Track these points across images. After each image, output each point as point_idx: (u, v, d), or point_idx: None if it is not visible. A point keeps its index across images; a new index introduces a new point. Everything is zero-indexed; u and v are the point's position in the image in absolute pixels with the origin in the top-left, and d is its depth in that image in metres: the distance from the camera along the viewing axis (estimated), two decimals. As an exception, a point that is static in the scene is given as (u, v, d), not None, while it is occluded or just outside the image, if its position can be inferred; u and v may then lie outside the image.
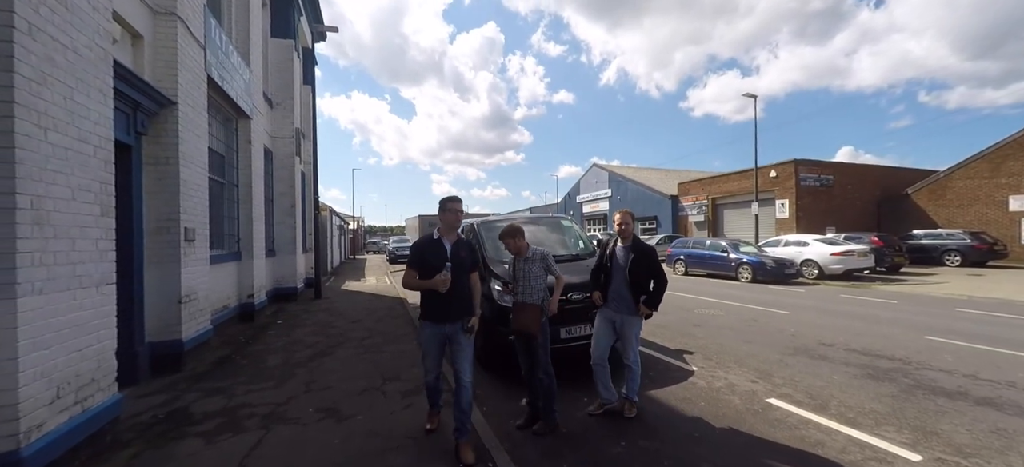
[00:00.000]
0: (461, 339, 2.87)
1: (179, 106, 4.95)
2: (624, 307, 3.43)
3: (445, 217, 2.96)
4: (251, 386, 4.35)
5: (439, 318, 2.87)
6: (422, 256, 2.89)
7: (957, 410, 3.55)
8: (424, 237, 3.03)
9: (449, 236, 2.96)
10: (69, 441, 2.68)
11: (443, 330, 2.88)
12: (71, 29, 2.80)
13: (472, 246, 3.07)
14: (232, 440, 3.19)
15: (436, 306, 2.86)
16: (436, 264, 2.80)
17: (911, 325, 6.76)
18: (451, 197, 3.01)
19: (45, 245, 2.55)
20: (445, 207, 2.97)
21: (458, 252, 2.90)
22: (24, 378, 2.38)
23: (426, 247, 2.93)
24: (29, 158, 2.44)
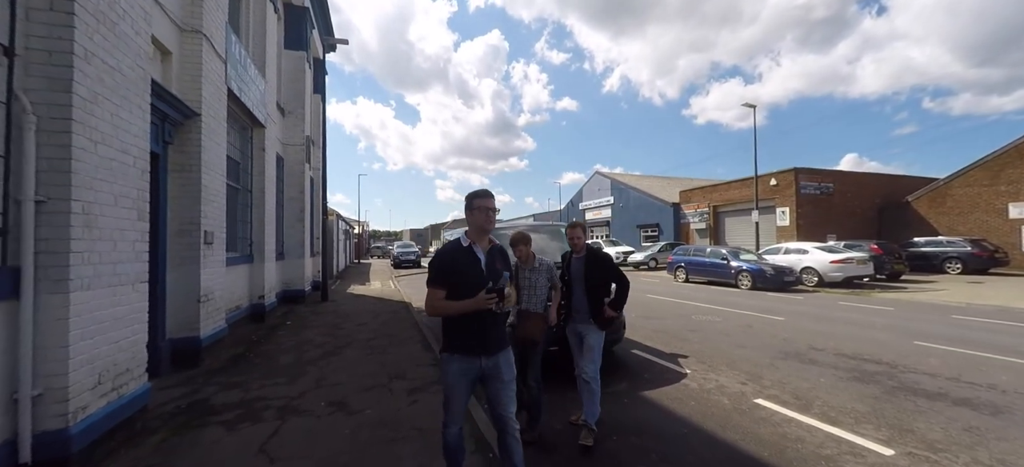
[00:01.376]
0: (504, 373, 2.22)
1: (202, 117, 5.27)
2: (584, 317, 3.33)
3: (474, 217, 2.26)
4: (265, 381, 4.61)
5: (473, 349, 2.18)
6: (450, 271, 2.21)
7: (934, 410, 3.75)
8: (448, 246, 2.36)
9: (480, 241, 2.28)
10: (107, 424, 2.94)
11: (477, 365, 2.19)
12: (118, 52, 3.10)
13: (506, 254, 2.40)
14: (251, 429, 3.44)
15: (469, 333, 2.17)
16: (470, 279, 2.16)
17: (903, 331, 6.93)
18: (479, 192, 2.31)
19: (92, 246, 2.83)
20: (473, 205, 2.27)
21: (493, 263, 2.25)
22: (73, 364, 2.65)
23: (454, 258, 2.23)
24: (82, 168, 2.73)
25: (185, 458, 2.96)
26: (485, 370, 2.21)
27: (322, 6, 13.43)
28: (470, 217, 2.29)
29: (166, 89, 4.53)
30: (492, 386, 2.22)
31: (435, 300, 2.21)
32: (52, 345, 2.57)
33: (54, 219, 2.60)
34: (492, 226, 2.30)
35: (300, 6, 11.44)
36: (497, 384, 2.22)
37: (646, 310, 9.34)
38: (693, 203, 25.94)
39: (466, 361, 2.19)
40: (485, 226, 2.26)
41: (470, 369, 2.20)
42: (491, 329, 2.20)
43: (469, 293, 2.13)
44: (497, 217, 2.39)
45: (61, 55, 2.64)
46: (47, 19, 2.62)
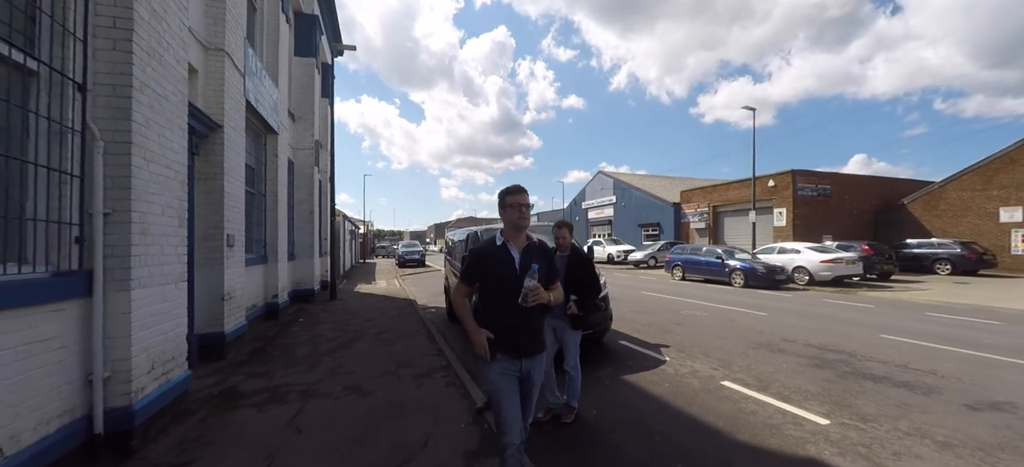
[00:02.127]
0: (535, 377, 2.20)
1: (224, 129, 5.78)
2: (560, 313, 3.45)
3: (507, 215, 2.22)
4: (286, 371, 5.13)
5: (513, 350, 2.13)
6: (482, 269, 2.20)
7: (876, 390, 4.22)
8: (483, 244, 2.33)
9: (515, 239, 2.23)
10: (159, 404, 3.46)
11: (518, 367, 2.15)
12: (164, 81, 3.61)
13: (548, 251, 2.33)
14: (279, 409, 3.95)
15: (507, 333, 2.13)
16: (503, 279, 2.14)
17: (874, 326, 7.38)
18: (512, 188, 2.25)
19: (146, 250, 3.34)
20: (505, 202, 2.23)
21: (529, 261, 2.16)
22: (134, 351, 3.17)
23: (487, 256, 2.21)
24: (138, 184, 3.24)
25: (226, 431, 3.48)
26: (524, 372, 2.15)
27: (331, 13, 13.94)
28: (504, 215, 2.24)
29: (194, 105, 5.04)
30: (523, 389, 2.18)
31: (458, 295, 2.27)
32: (117, 335, 3.09)
33: (117, 228, 3.12)
34: (526, 223, 2.23)
35: (310, 14, 11.95)
36: (528, 386, 2.18)
37: (639, 306, 9.81)
38: (693, 203, 26.34)
39: (508, 363, 2.13)
40: (519, 223, 2.19)
41: (512, 369, 2.14)
42: (529, 329, 2.13)
43: (502, 293, 2.12)
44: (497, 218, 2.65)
45: (122, 88, 3.15)
46: (110, 58, 3.13)
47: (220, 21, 5.79)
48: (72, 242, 2.87)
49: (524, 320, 2.12)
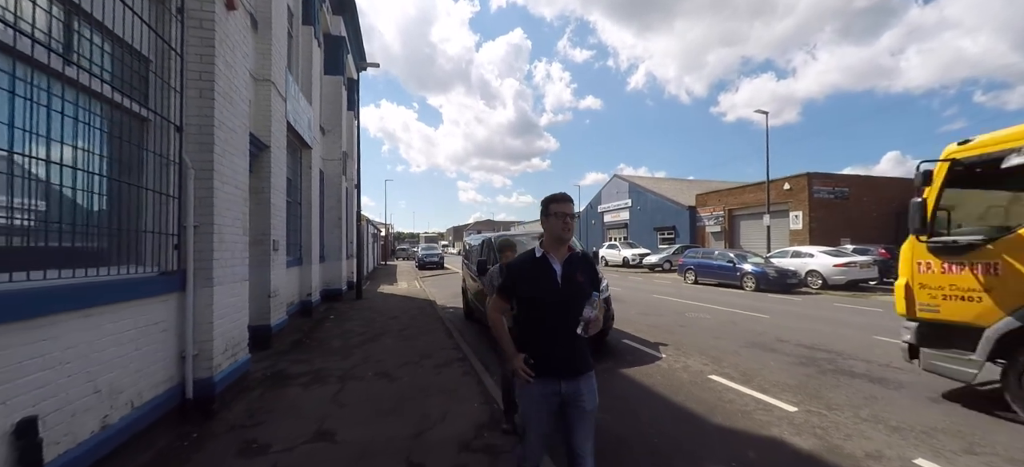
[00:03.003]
0: (585, 400, 1.97)
1: (271, 149, 6.63)
2: None
3: (550, 224, 2.04)
4: (324, 359, 5.90)
5: (552, 370, 1.96)
6: (519, 283, 2.06)
7: (849, 385, 4.66)
8: (521, 257, 2.18)
9: (556, 251, 2.05)
10: (229, 379, 4.23)
11: (558, 390, 1.96)
12: (233, 117, 4.42)
13: (591, 262, 2.16)
14: (321, 388, 4.69)
15: (546, 351, 1.96)
16: (544, 293, 1.98)
17: (871, 328, 7.69)
18: (556, 196, 2.06)
19: (223, 255, 4.13)
20: (549, 210, 2.04)
21: (572, 274, 2.01)
22: (215, 335, 3.95)
23: (526, 270, 2.06)
24: (217, 202, 4.03)
25: (281, 403, 4.23)
26: (565, 395, 1.95)
27: (356, 33, 14.92)
28: (546, 224, 2.06)
29: (251, 133, 5.88)
30: (569, 414, 1.96)
31: (494, 312, 2.14)
32: (203, 322, 3.87)
33: (203, 237, 3.91)
34: (569, 235, 2.03)
35: (337, 35, 12.91)
36: (575, 412, 1.95)
37: (647, 309, 10.29)
38: (709, 206, 26.39)
39: (546, 385, 1.94)
40: (562, 235, 2.01)
41: (551, 394, 1.94)
42: (572, 348, 1.94)
43: (543, 309, 1.97)
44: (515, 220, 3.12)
45: (206, 127, 3.94)
46: (197, 104, 3.93)
47: (267, 56, 6.64)
48: (171, 248, 3.66)
49: (565, 337, 1.91)
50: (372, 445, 3.30)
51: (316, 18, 10.36)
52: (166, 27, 3.68)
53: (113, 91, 3.04)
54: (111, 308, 2.89)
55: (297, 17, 9.52)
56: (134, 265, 3.33)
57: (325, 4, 11.52)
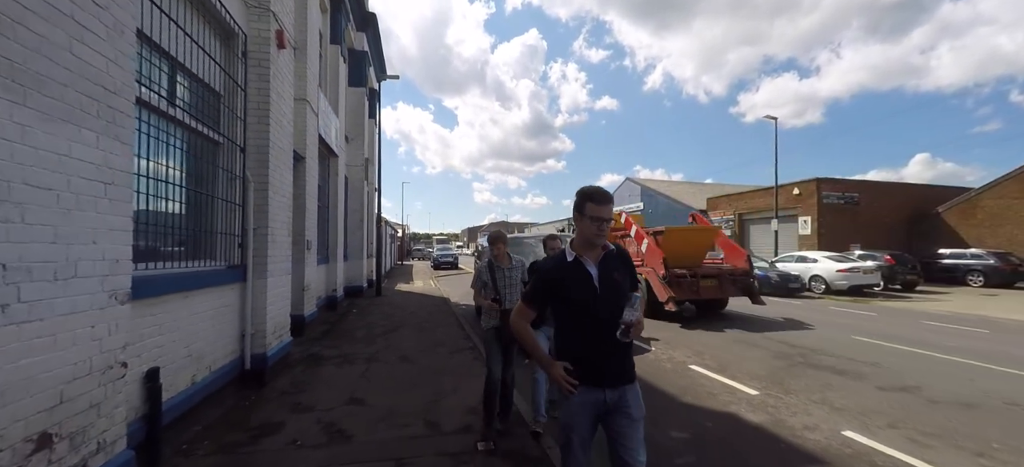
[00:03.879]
0: (632, 408, 1.84)
1: (306, 160, 7.51)
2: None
3: (583, 227, 1.86)
4: (351, 345, 6.72)
5: (595, 378, 1.82)
6: (549, 290, 1.92)
7: (812, 375, 5.24)
8: (551, 260, 2.09)
9: (590, 253, 1.88)
10: (276, 357, 5.07)
11: (602, 398, 1.82)
12: (283, 137, 5.27)
13: (628, 259, 2.00)
14: (350, 368, 5.49)
15: (588, 358, 1.82)
16: (580, 299, 1.83)
17: (854, 329, 8.15)
18: (594, 193, 1.85)
19: (274, 253, 4.98)
20: (584, 211, 1.85)
21: (610, 274, 1.86)
22: (268, 318, 4.79)
23: (557, 276, 1.90)
24: (271, 209, 4.88)
25: (318, 378, 5.04)
26: (610, 404, 1.81)
27: (377, 46, 15.88)
28: (579, 223, 1.88)
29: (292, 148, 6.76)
30: (617, 422, 1.81)
31: (521, 320, 1.96)
32: (259, 307, 4.71)
33: (259, 238, 4.75)
34: (603, 241, 1.86)
35: (360, 50, 13.86)
36: (623, 420, 1.81)
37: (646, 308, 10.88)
38: (719, 210, 26.62)
39: (588, 392, 1.81)
40: (595, 241, 1.84)
41: (593, 402, 1.81)
42: (615, 356, 1.81)
43: (580, 316, 1.81)
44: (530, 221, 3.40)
45: (263, 147, 4.79)
46: (256, 129, 4.78)
47: (302, 77, 7.53)
48: (236, 247, 4.52)
49: (608, 344, 1.77)
50: (395, 408, 4.07)
51: (342, 37, 11.30)
52: (234, 68, 4.55)
53: (198, 123, 3.90)
54: (199, 292, 3.73)
55: (326, 37, 10.46)
56: (210, 260, 4.18)
57: (350, 23, 12.46)
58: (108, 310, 2.27)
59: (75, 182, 2.03)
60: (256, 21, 4.76)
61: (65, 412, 2.00)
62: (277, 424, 3.73)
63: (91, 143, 2.12)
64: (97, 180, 2.16)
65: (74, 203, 2.03)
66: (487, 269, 3.52)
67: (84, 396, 2.12)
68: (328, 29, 10.53)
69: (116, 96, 2.29)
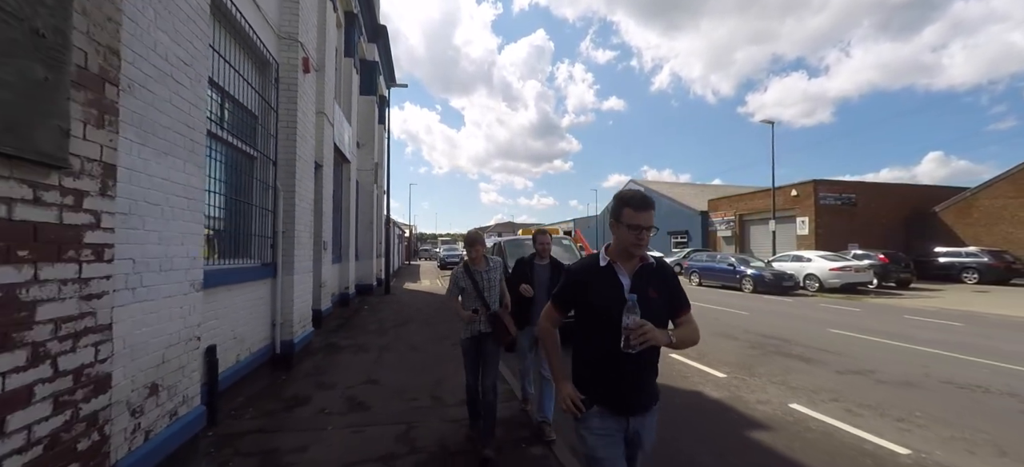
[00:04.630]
0: (645, 441, 1.70)
1: (323, 167, 8.22)
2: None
3: (620, 234, 1.68)
4: (365, 336, 7.41)
5: (618, 404, 1.64)
6: (578, 293, 1.75)
7: (779, 362, 5.82)
8: (583, 262, 1.85)
9: (625, 262, 1.70)
10: (301, 344, 5.77)
11: (624, 426, 1.66)
12: (306, 151, 5.97)
13: (670, 274, 1.80)
14: (365, 355, 6.17)
15: (609, 379, 1.64)
16: (607, 307, 1.63)
17: (832, 323, 8.69)
18: (634, 198, 1.65)
19: (299, 253, 5.68)
20: (621, 217, 1.66)
21: (644, 289, 1.64)
22: (294, 309, 5.49)
23: (586, 278, 1.73)
24: (297, 214, 5.57)
25: (337, 362, 5.72)
26: (631, 434, 1.67)
27: (387, 56, 16.63)
28: (615, 230, 1.71)
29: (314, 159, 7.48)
30: (627, 452, 1.69)
31: (547, 323, 1.86)
32: (287, 300, 5.41)
33: (287, 240, 5.45)
34: (641, 251, 1.67)
35: (371, 61, 14.60)
36: (632, 450, 1.71)
37: (642, 305, 11.46)
38: (720, 211, 27.05)
39: (609, 420, 1.64)
40: (632, 251, 1.66)
41: (616, 430, 1.64)
42: (639, 375, 1.63)
43: (605, 329, 1.61)
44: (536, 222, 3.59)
45: (290, 160, 5.49)
46: (285, 144, 5.48)
47: (321, 93, 8.23)
48: (268, 247, 5.22)
49: (633, 363, 1.59)
50: (406, 387, 4.73)
51: (355, 50, 12.03)
52: (268, 92, 5.26)
53: (239, 142, 4.60)
54: (241, 285, 4.43)
55: (340, 51, 11.19)
56: (247, 258, 4.89)
57: (362, 37, 13.19)
58: (189, 296, 2.96)
59: (171, 198, 2.71)
60: (286, 50, 5.47)
61: (165, 370, 2.69)
62: (306, 397, 4.41)
63: (180, 169, 2.80)
64: (183, 196, 2.84)
65: (171, 214, 2.71)
66: (464, 273, 3.32)
67: (175, 359, 2.80)
68: (342, 44, 11.26)
69: (194, 131, 2.97)
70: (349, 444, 3.36)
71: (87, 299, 2.00)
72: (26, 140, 1.68)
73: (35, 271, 1.74)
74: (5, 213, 1.62)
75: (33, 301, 1.73)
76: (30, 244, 1.72)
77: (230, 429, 3.61)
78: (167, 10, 2.64)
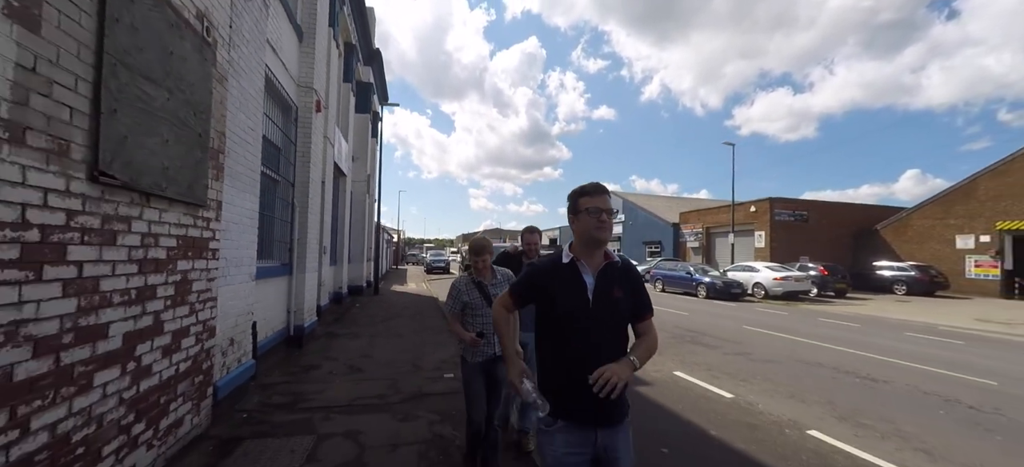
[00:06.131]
0: (621, 457, 1.52)
1: (325, 183, 9.65)
2: (528, 325, 2.92)
3: (579, 223, 1.59)
4: (358, 327, 8.83)
5: (587, 416, 1.48)
6: (537, 287, 1.63)
7: (687, 347, 7.41)
8: (546, 259, 1.74)
9: (589, 258, 1.59)
10: (309, 329, 7.17)
11: (592, 441, 1.49)
12: (317, 174, 7.42)
13: (635, 274, 1.68)
14: (359, 340, 7.59)
15: (574, 393, 1.47)
16: (568, 306, 1.53)
17: (750, 322, 10.38)
18: (589, 187, 1.61)
19: (309, 256, 7.11)
20: (578, 206, 1.60)
21: (608, 288, 1.55)
22: (305, 300, 6.92)
23: (547, 276, 1.62)
24: (309, 224, 7.02)
25: (337, 344, 7.14)
26: (599, 450, 1.49)
27: (380, 76, 18.10)
28: (576, 223, 1.59)
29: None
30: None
31: (501, 309, 1.73)
32: (299, 293, 6.83)
33: (301, 246, 6.89)
34: (606, 236, 1.54)
35: (366, 82, 16.06)
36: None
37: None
38: (690, 224, 29.00)
39: (576, 434, 1.47)
40: (596, 235, 1.53)
41: (582, 446, 1.48)
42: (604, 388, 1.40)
43: (565, 333, 1.51)
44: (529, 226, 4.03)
45: (304, 182, 6.95)
46: (302, 168, 6.93)
47: (326, 121, 9.69)
48: (287, 251, 6.65)
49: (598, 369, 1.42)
50: (393, 360, 6.19)
51: (353, 76, 13.50)
52: (289, 129, 6.72)
53: (270, 170, 6.05)
54: (270, 279, 5.86)
55: (339, 77, 12.64)
56: (272, 259, 6.32)
57: (358, 63, 14.67)
58: (248, 284, 4.41)
59: (243, 219, 4.17)
60: (304, 96, 6.95)
61: (237, 331, 4.13)
62: (317, 365, 5.84)
63: (248, 200, 4.26)
64: (248, 217, 4.30)
65: (243, 229, 4.17)
66: (470, 285, 2.81)
67: (241, 325, 4.24)
68: (342, 70, 12.71)
69: (254, 172, 4.44)
70: (352, 391, 4.81)
71: (210, 280, 3.47)
72: (192, 193, 3.15)
73: (193, 263, 3.21)
74: (184, 232, 3.09)
75: (192, 279, 3.20)
76: (193, 249, 3.19)
77: (267, 380, 5.04)
78: (243, 99, 4.13)
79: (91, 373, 2.21)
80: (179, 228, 3.00)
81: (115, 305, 2.37)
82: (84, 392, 2.17)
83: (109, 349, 2.33)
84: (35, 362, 1.88)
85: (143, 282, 2.61)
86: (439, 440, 3.56)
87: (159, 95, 2.69)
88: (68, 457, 2.08)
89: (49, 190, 1.93)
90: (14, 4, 1.74)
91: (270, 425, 3.73)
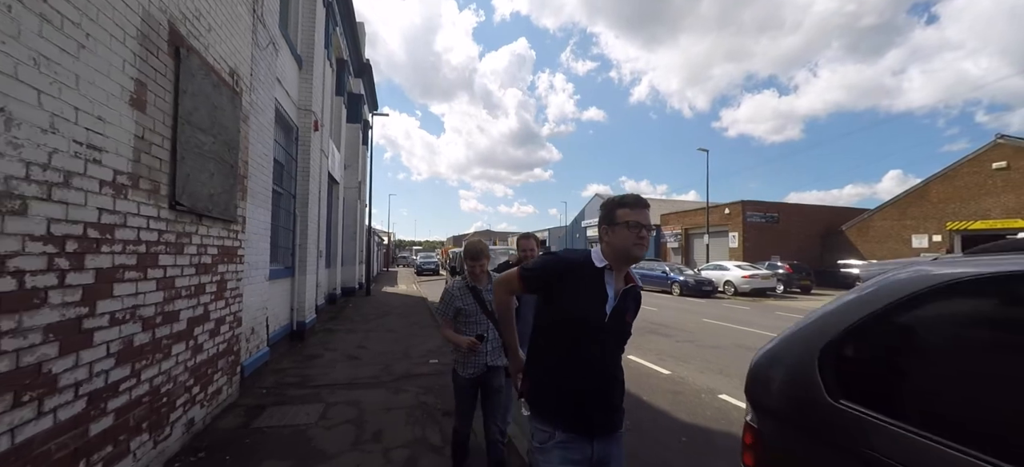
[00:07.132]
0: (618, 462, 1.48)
1: (320, 192, 10.50)
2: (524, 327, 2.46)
3: (615, 236, 1.50)
4: (353, 323, 9.69)
5: (582, 425, 1.44)
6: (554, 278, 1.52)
7: (645, 336, 8.41)
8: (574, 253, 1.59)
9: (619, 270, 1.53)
10: (309, 325, 8.02)
11: (589, 454, 1.44)
12: (314, 185, 8.28)
13: (639, 298, 1.62)
14: (354, 335, 8.45)
15: (575, 398, 1.44)
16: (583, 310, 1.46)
17: (710, 316, 11.46)
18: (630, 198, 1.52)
19: (309, 259, 7.97)
20: (615, 218, 1.50)
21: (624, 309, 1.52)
22: (306, 299, 7.77)
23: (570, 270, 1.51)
24: (308, 232, 7.88)
25: (335, 338, 8.00)
26: (595, 460, 1.44)
27: (371, 87, 18.91)
28: (611, 235, 1.50)
29: (312, 185, 9.76)
30: None
31: (503, 291, 1.65)
32: (300, 293, 7.68)
33: (302, 251, 7.75)
34: (642, 253, 1.47)
35: (357, 94, 16.88)
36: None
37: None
38: (670, 225, 30.23)
39: (572, 443, 1.42)
40: (633, 251, 1.46)
41: (580, 455, 1.43)
42: (608, 393, 1.44)
43: (578, 335, 1.44)
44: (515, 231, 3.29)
45: (304, 194, 7.81)
46: (301, 183, 7.79)
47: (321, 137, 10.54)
48: (289, 255, 7.50)
49: (602, 379, 1.42)
50: (386, 351, 7.07)
51: (344, 89, 14.33)
52: (291, 148, 7.58)
53: (276, 185, 6.91)
54: (277, 280, 6.71)
55: (332, 92, 13.47)
56: (277, 263, 7.17)
57: (349, 76, 15.49)
58: (263, 284, 5.28)
59: (259, 229, 5.04)
60: (304, 117, 7.82)
61: (255, 320, 5.00)
62: (319, 354, 6.71)
63: (263, 214, 5.14)
64: (263, 228, 5.17)
65: (259, 238, 5.04)
66: (464, 290, 2.63)
67: (259, 317, 5.11)
68: (334, 84, 13.54)
69: (267, 190, 5.32)
70: (351, 373, 5.70)
71: (239, 280, 4.35)
72: (227, 211, 4.03)
73: (227, 266, 4.09)
74: (222, 242, 3.97)
75: (227, 279, 4.08)
76: (227, 255, 4.07)
77: (278, 366, 5.90)
78: (260, 131, 5.01)
79: (170, 345, 3.10)
80: (219, 239, 3.89)
81: (183, 297, 3.25)
82: (166, 358, 3.05)
83: (180, 329, 3.22)
84: (143, 334, 2.76)
85: (198, 281, 3.49)
86: (424, 405, 4.48)
87: (207, 140, 3.58)
88: (158, 403, 2.96)
89: (150, 217, 2.82)
90: (133, 95, 2.64)
91: (287, 397, 4.62)
